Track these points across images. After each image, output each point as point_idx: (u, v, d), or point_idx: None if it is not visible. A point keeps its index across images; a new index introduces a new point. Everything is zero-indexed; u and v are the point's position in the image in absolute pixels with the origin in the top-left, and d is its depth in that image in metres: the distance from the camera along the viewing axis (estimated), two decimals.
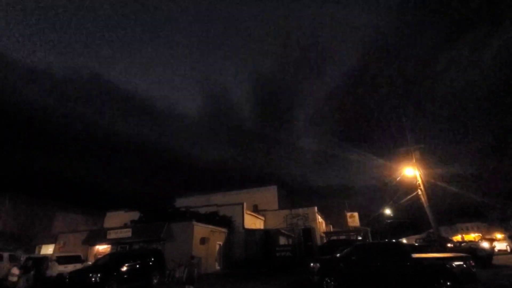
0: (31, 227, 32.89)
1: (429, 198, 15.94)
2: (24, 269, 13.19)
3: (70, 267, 15.56)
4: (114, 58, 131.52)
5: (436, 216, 16.15)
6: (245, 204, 26.90)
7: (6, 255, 17.60)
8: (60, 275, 14.38)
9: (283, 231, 25.48)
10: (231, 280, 15.14)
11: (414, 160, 16.81)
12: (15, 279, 12.41)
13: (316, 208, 31.41)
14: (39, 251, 25.45)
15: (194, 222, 19.79)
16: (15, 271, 12.64)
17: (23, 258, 17.00)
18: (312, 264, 10.33)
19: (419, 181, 16.26)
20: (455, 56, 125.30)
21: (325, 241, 30.23)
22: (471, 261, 8.61)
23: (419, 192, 16.24)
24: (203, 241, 19.84)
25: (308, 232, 25.70)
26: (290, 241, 25.75)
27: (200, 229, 20.07)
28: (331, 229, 39.68)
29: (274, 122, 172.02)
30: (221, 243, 22.74)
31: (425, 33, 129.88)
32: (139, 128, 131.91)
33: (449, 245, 22.45)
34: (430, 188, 16.82)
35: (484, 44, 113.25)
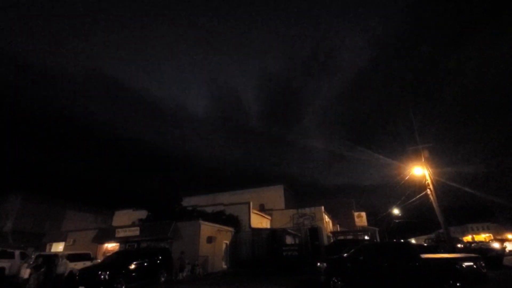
0: (42, 225, 33.57)
1: (438, 197, 15.69)
2: (35, 266, 13.43)
3: (79, 265, 15.79)
4: (126, 61, 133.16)
5: (445, 216, 15.89)
6: (251, 204, 26.91)
7: (17, 252, 17.97)
8: (70, 273, 14.63)
9: (289, 230, 25.40)
10: (237, 279, 15.16)
11: (423, 159, 16.57)
12: (26, 276, 12.62)
13: (323, 207, 31.22)
14: (50, 249, 25.90)
15: (201, 221, 19.88)
16: (26, 268, 12.85)
17: (34, 255, 17.34)
18: (319, 264, 10.27)
19: (428, 181, 16.03)
20: (466, 55, 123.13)
21: (332, 240, 30.05)
22: (481, 262, 8.45)
23: (428, 191, 16.00)
24: (210, 240, 19.93)
25: (315, 231, 25.56)
26: (297, 240, 25.66)
27: (207, 228, 20.16)
28: (338, 229, 39.41)
29: (282, 122, 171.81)
30: (227, 242, 22.80)
31: (436, 32, 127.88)
32: (148, 128, 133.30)
33: (459, 245, 22.12)
34: (439, 187, 16.56)
35: (495, 43, 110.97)
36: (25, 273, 12.82)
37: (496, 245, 19.26)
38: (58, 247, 25.36)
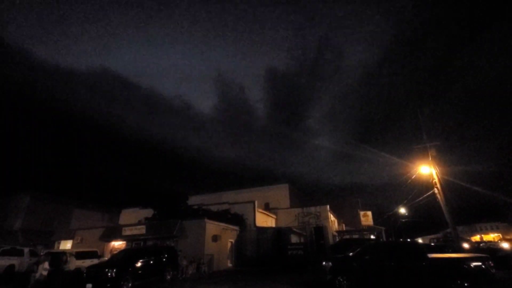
0: (51, 223, 34.13)
1: (446, 196, 15.50)
2: (36, 262, 13.49)
3: (87, 262, 16.00)
4: (134, 59, 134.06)
5: (453, 216, 15.68)
6: (256, 202, 26.93)
7: (26, 250, 18.32)
8: (78, 270, 14.82)
9: (295, 229, 25.39)
10: (242, 277, 15.19)
11: (430, 158, 16.37)
12: (45, 273, 12.59)
13: (328, 206, 31.06)
14: (58, 246, 26.35)
15: (206, 220, 19.98)
16: (46, 265, 12.78)
17: (42, 253, 17.61)
18: (324, 263, 10.22)
19: (435, 179, 15.83)
20: (475, 52, 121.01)
21: (337, 239, 29.92)
22: (490, 262, 8.32)
23: (436, 190, 15.81)
24: (215, 238, 20.01)
25: (320, 230, 25.51)
26: (302, 239, 25.63)
27: (212, 227, 20.24)
28: (344, 228, 39.19)
29: (288, 120, 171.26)
30: (233, 240, 22.87)
31: (445, 29, 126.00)
32: (154, 127, 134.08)
33: (467, 245, 21.82)
34: (447, 186, 16.35)
35: (505, 40, 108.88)
36: (46, 270, 12.66)
37: (505, 245, 18.99)
38: (66, 245, 25.77)
